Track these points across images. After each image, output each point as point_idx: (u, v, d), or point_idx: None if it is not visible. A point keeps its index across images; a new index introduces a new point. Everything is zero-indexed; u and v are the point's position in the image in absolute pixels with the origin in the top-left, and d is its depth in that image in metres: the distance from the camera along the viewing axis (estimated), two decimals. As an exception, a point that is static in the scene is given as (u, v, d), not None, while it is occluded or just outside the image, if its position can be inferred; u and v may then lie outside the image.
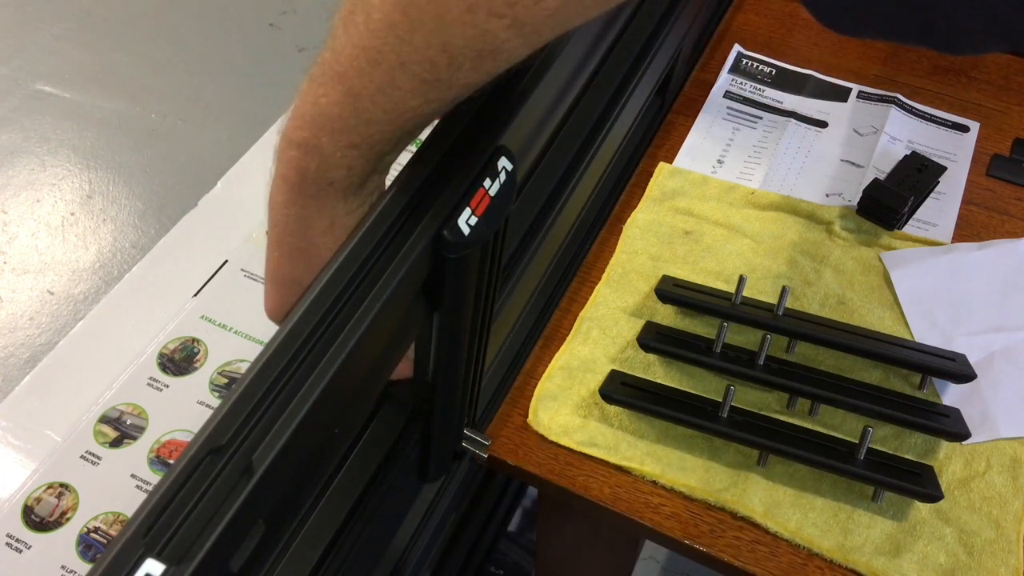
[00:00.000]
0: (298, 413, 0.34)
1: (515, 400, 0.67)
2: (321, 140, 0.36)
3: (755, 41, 0.93)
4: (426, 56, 0.34)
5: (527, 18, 0.33)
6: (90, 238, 1.61)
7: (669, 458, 0.63)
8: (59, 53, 1.94)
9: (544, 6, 0.33)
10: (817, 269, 0.74)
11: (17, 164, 1.74)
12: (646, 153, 0.83)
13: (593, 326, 0.70)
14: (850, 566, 0.59)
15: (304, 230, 0.39)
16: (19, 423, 0.69)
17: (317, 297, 0.36)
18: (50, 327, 1.48)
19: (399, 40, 0.33)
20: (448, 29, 0.33)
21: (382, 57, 0.34)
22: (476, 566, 1.01)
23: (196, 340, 0.74)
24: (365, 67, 0.34)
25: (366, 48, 0.34)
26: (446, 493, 0.62)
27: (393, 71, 0.34)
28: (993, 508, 0.61)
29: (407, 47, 0.34)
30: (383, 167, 0.39)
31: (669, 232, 0.76)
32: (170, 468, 0.31)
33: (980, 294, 0.72)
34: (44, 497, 0.66)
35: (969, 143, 0.84)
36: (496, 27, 0.33)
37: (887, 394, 0.65)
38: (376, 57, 0.34)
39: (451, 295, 0.43)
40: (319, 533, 0.47)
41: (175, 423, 0.70)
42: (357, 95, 0.35)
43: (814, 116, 0.87)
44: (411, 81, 0.34)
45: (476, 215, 0.39)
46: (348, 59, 0.35)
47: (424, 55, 0.34)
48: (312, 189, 0.37)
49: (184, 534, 0.30)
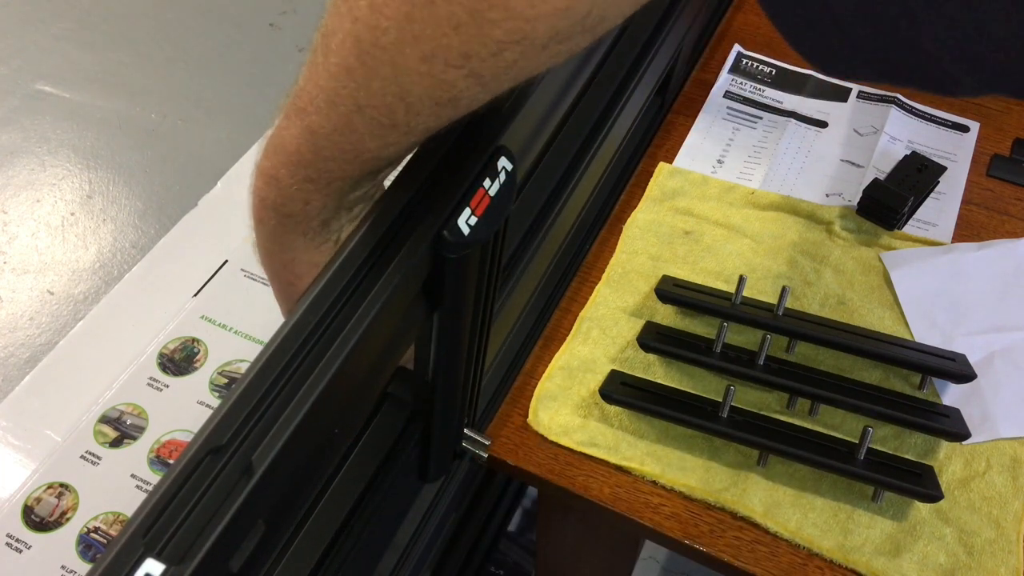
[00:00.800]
0: (298, 413, 0.34)
1: (515, 400, 0.67)
2: (280, 172, 0.36)
3: (755, 41, 0.93)
4: (383, 102, 0.33)
5: (484, 70, 0.32)
6: (90, 238, 1.61)
7: (669, 458, 0.63)
8: (59, 53, 1.94)
9: (501, 59, 0.32)
10: (817, 269, 0.74)
11: (17, 164, 1.74)
12: (646, 153, 0.83)
13: (593, 326, 0.70)
14: (850, 566, 0.59)
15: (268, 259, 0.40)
16: (19, 423, 0.69)
17: (317, 297, 0.36)
18: (50, 327, 1.48)
19: (356, 85, 0.33)
20: (405, 77, 0.32)
21: (339, 99, 0.33)
22: (476, 566, 1.01)
23: (196, 340, 0.74)
24: (323, 107, 0.34)
25: (324, 88, 0.34)
26: (446, 493, 0.62)
27: (350, 114, 0.34)
28: (993, 508, 0.61)
29: (364, 92, 0.33)
30: (347, 205, 0.39)
31: (669, 232, 0.76)
32: (170, 468, 0.31)
33: (980, 294, 0.72)
34: (44, 497, 0.66)
35: (969, 143, 0.84)
36: (454, 77, 0.32)
37: (887, 394, 0.65)
38: (333, 99, 0.34)
39: (451, 295, 0.43)
40: (319, 533, 0.47)
41: (175, 423, 0.70)
42: (315, 132, 0.35)
43: (814, 116, 0.87)
44: (368, 125, 0.34)
45: (476, 215, 0.39)
46: (308, 97, 0.34)
47: (381, 101, 0.33)
48: (272, 220, 0.38)
49: (184, 534, 0.30)
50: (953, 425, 0.63)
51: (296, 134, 0.35)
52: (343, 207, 0.38)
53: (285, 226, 0.38)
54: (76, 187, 1.69)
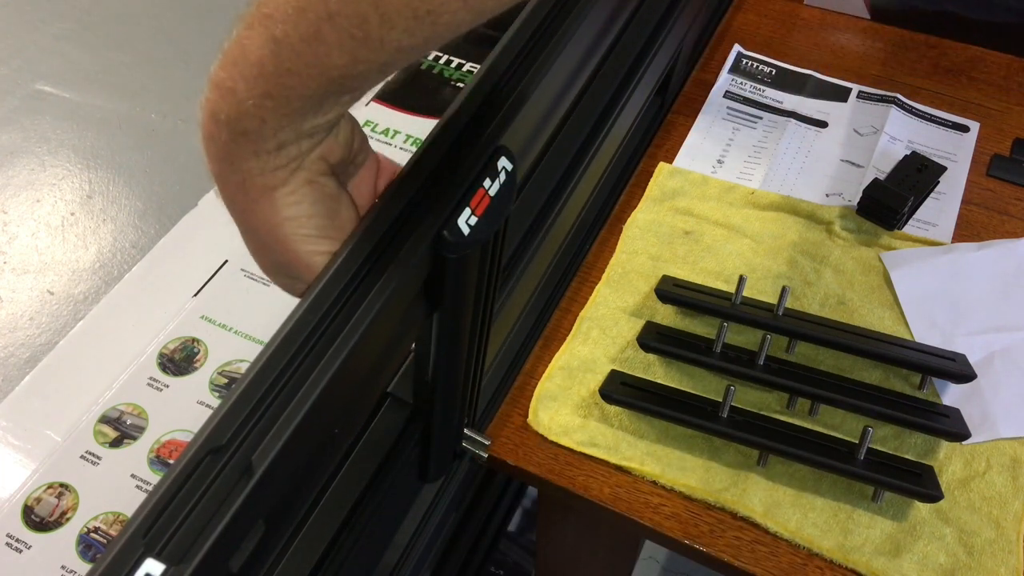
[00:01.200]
0: (298, 413, 0.34)
1: (515, 400, 0.67)
2: (238, 84, 0.33)
3: (755, 41, 0.93)
4: (356, 10, 0.31)
5: None
6: (90, 238, 1.61)
7: (669, 458, 0.63)
8: (59, 53, 1.93)
9: None
10: (817, 269, 0.74)
11: (17, 164, 1.74)
12: (646, 153, 0.83)
13: (593, 326, 0.70)
14: (850, 566, 0.59)
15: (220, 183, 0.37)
16: (19, 423, 0.69)
17: (317, 297, 0.36)
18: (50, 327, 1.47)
19: None
20: None
21: (309, 6, 0.31)
22: (476, 566, 1.01)
23: (196, 340, 0.74)
24: (291, 13, 0.31)
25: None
26: (446, 493, 0.62)
27: (320, 21, 0.31)
28: (993, 508, 0.61)
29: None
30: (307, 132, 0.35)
31: (669, 232, 0.76)
32: (170, 468, 0.31)
33: (980, 294, 0.72)
34: (44, 497, 0.66)
35: (969, 143, 0.84)
36: None
37: (887, 394, 0.65)
38: (303, 5, 0.31)
39: (451, 295, 0.43)
40: (319, 533, 0.47)
41: (175, 423, 0.70)
42: (279, 42, 0.32)
43: (814, 116, 0.87)
44: (338, 35, 0.31)
45: (476, 215, 0.39)
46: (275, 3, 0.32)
47: (354, 9, 0.31)
48: (223, 135, 0.34)
49: (184, 534, 0.30)
50: (953, 425, 0.63)
51: (259, 43, 0.32)
52: (302, 134, 0.35)
53: (238, 143, 0.34)
54: (76, 187, 1.69)
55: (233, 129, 0.34)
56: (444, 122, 0.42)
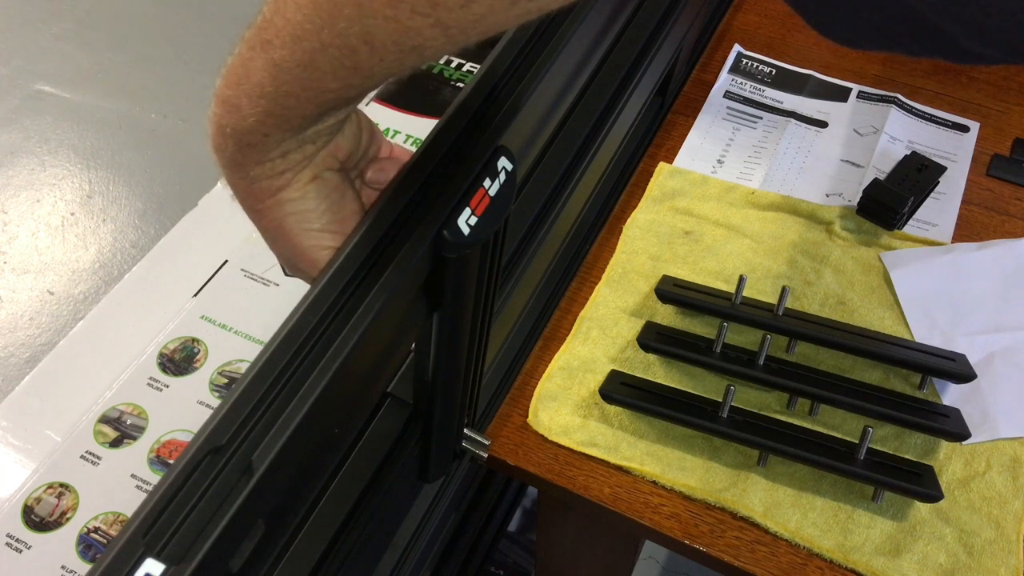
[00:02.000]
0: (298, 413, 0.34)
1: (515, 400, 0.67)
2: (241, 101, 0.36)
3: (755, 41, 0.93)
4: (347, 43, 0.33)
5: (452, 21, 0.32)
6: (90, 238, 1.61)
7: (669, 458, 0.63)
8: (59, 53, 1.94)
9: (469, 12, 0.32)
10: (817, 269, 0.74)
11: (17, 164, 1.74)
12: (646, 153, 0.83)
13: (593, 326, 0.70)
14: (850, 566, 0.59)
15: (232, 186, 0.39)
16: (19, 423, 0.69)
17: (317, 297, 0.36)
18: (50, 327, 1.47)
19: (322, 22, 0.33)
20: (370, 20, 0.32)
21: (305, 35, 0.33)
22: (476, 566, 1.01)
23: (196, 340, 0.74)
24: (288, 41, 0.34)
25: (290, 21, 0.33)
26: (446, 493, 0.62)
27: (314, 51, 0.33)
28: (993, 508, 0.61)
29: (328, 31, 0.33)
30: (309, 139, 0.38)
31: (669, 232, 0.76)
32: (170, 468, 0.31)
33: (980, 294, 0.72)
34: (44, 497, 0.66)
35: (969, 143, 0.84)
36: (420, 25, 0.32)
37: (887, 394, 0.65)
38: (299, 33, 0.33)
39: (451, 295, 0.43)
40: (319, 533, 0.47)
41: (175, 423, 0.70)
42: (278, 66, 0.34)
43: (814, 116, 0.87)
44: (331, 64, 0.34)
45: (476, 215, 0.39)
46: (275, 29, 0.34)
47: (345, 41, 0.33)
48: (230, 147, 0.37)
49: (184, 534, 0.30)
50: (953, 425, 0.63)
51: (260, 66, 0.35)
52: (305, 140, 0.38)
53: (244, 153, 0.37)
54: (76, 187, 1.69)
55: (239, 142, 0.37)
56: (444, 122, 0.42)
